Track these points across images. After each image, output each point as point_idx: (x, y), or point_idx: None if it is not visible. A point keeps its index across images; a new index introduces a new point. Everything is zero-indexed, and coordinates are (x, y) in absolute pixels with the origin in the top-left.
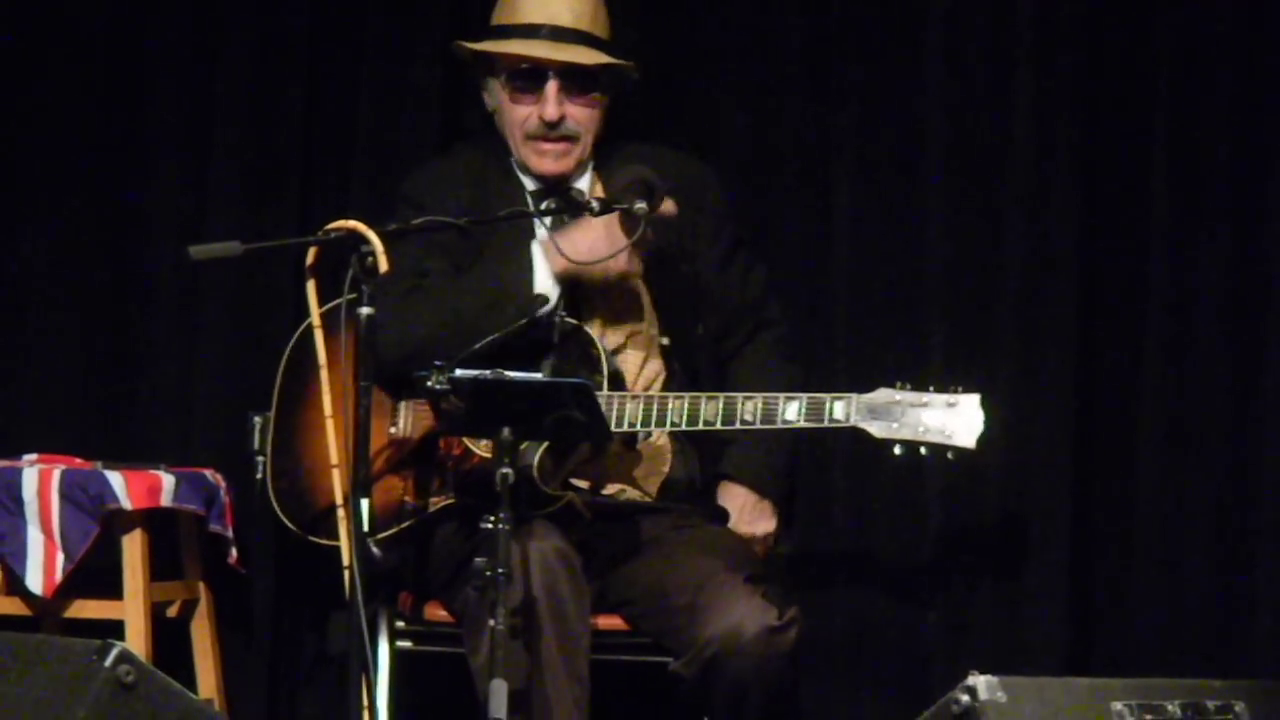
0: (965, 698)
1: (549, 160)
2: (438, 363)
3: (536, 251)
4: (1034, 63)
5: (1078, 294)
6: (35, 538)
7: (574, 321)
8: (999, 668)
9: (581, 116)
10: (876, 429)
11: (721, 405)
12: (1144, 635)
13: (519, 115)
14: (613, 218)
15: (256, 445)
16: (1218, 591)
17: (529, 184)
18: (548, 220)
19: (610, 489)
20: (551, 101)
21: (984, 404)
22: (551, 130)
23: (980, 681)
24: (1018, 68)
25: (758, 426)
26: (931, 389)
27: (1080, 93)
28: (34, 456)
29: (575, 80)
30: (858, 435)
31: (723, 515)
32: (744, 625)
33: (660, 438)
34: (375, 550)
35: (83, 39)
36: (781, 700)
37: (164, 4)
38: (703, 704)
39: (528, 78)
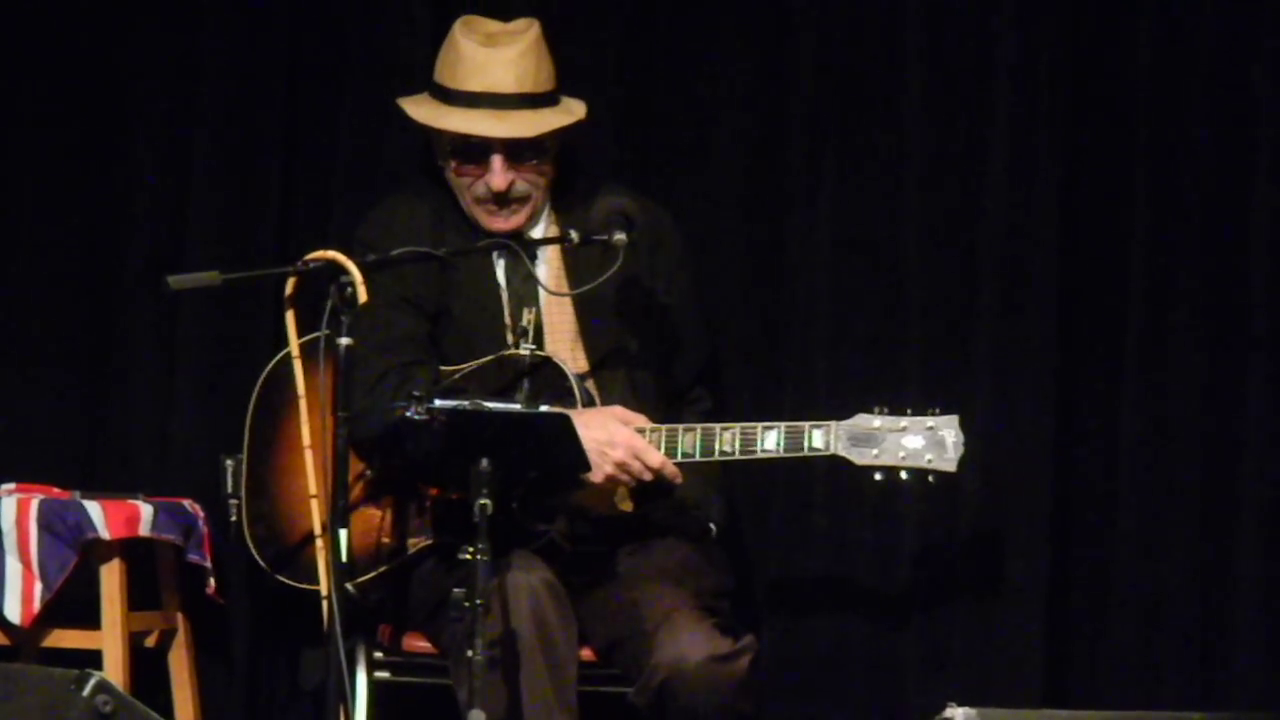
0: None
1: (500, 220)
2: (415, 392)
3: (501, 281)
4: (1013, 79)
5: (1056, 314)
6: (13, 567)
7: (544, 354)
8: (976, 698)
9: (530, 179)
10: (857, 456)
11: (699, 436)
12: (1123, 666)
13: (464, 182)
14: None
15: (230, 488)
16: (1198, 622)
17: None
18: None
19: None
20: (498, 174)
21: (963, 425)
22: (500, 198)
23: (958, 714)
24: (997, 85)
25: (737, 457)
26: (910, 411)
27: (1060, 105)
28: (12, 486)
29: (520, 149)
30: (836, 463)
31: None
32: (688, 653)
33: None
34: (353, 591)
35: (61, 68)
36: None
37: (143, 31)
38: None
39: (471, 151)
